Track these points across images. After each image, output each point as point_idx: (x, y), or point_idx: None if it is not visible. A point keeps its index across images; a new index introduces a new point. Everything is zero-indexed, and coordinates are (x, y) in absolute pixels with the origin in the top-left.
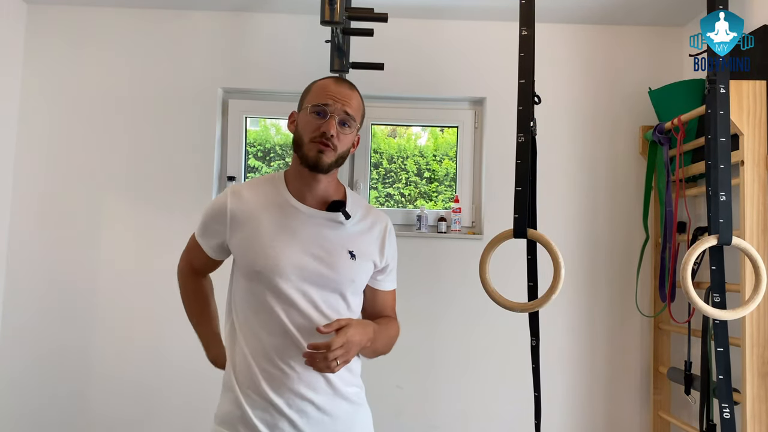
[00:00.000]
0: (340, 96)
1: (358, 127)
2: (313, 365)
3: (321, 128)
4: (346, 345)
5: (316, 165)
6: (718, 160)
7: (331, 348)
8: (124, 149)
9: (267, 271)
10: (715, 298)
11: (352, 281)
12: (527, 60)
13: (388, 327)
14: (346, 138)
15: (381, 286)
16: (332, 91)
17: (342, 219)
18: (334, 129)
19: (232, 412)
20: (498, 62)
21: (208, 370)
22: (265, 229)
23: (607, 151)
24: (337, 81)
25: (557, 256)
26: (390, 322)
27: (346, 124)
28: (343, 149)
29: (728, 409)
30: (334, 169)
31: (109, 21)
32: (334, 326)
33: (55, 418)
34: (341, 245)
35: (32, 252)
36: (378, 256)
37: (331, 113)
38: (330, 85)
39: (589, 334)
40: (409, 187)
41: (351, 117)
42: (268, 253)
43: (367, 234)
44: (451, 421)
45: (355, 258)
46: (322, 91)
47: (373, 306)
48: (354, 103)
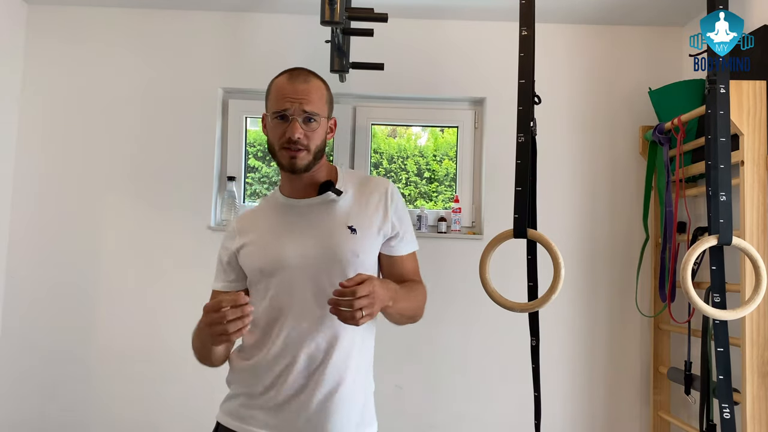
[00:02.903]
0: (297, 95)
1: (327, 115)
2: (338, 313)
3: (286, 134)
4: (371, 295)
5: (293, 170)
6: (718, 160)
7: (357, 295)
8: (124, 149)
9: (270, 266)
10: (715, 298)
11: (356, 256)
12: (527, 60)
13: (412, 288)
14: (315, 134)
15: (396, 251)
16: (288, 93)
17: (333, 197)
18: (298, 131)
19: (238, 410)
20: (498, 62)
21: (208, 368)
22: (265, 231)
23: (606, 151)
24: (292, 77)
25: (557, 256)
26: (414, 284)
27: (311, 119)
28: (317, 143)
29: (728, 409)
30: (316, 163)
31: (110, 21)
32: (356, 279)
33: (54, 419)
34: (339, 223)
35: (32, 252)
36: (384, 223)
37: (291, 116)
38: (285, 86)
39: (589, 334)
40: (409, 187)
41: (313, 113)
42: (269, 249)
43: (365, 206)
44: (451, 421)
45: (356, 232)
46: (278, 94)
47: (391, 273)
48: (314, 97)
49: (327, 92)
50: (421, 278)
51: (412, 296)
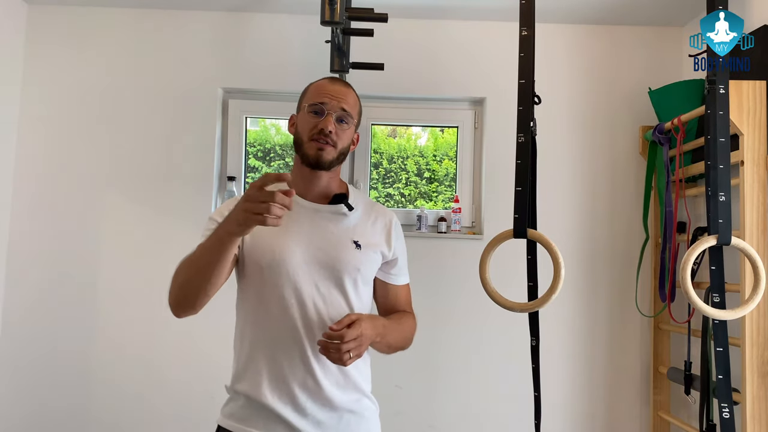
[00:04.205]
0: (336, 94)
1: (356, 124)
2: (327, 354)
3: (319, 126)
4: (359, 339)
5: (317, 162)
6: (717, 160)
7: (345, 339)
8: (124, 149)
9: (273, 266)
10: (715, 298)
11: (358, 270)
12: (527, 60)
13: (401, 321)
14: (344, 134)
15: (392, 281)
16: (328, 90)
17: (345, 211)
18: (332, 125)
19: (240, 410)
20: (498, 62)
21: (208, 366)
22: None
23: (607, 151)
24: (333, 80)
25: (557, 256)
26: (403, 316)
27: (344, 120)
28: (343, 145)
29: (728, 409)
30: (336, 165)
31: (110, 21)
32: (345, 322)
33: (54, 418)
34: (346, 236)
35: (32, 252)
36: (386, 247)
37: (328, 111)
38: (326, 85)
39: (589, 334)
40: (409, 187)
41: (348, 113)
42: (274, 249)
43: (371, 226)
44: (451, 421)
45: (361, 248)
46: (318, 91)
47: (386, 301)
48: (350, 100)
49: (359, 105)
50: (412, 309)
51: (400, 329)
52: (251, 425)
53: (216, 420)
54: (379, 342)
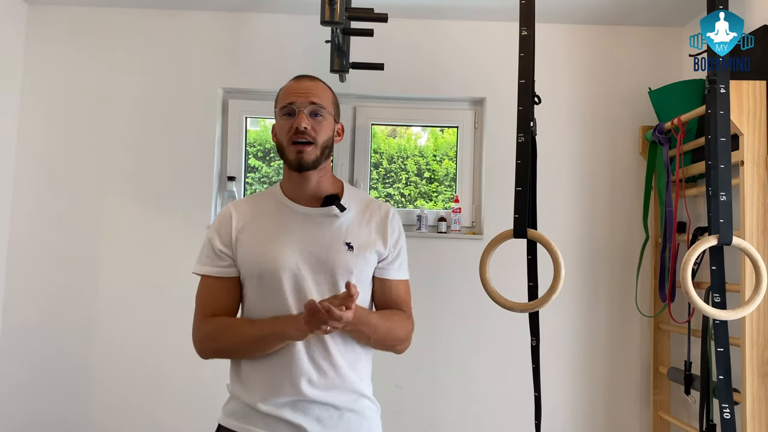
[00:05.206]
0: (304, 90)
1: (334, 114)
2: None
3: (293, 126)
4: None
5: (300, 164)
6: (718, 160)
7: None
8: (124, 149)
9: (268, 273)
10: (715, 298)
11: (351, 272)
12: (527, 60)
13: (390, 318)
14: (321, 126)
15: (388, 275)
16: (294, 89)
17: (336, 212)
18: (305, 121)
19: (241, 409)
20: (498, 62)
21: (208, 366)
22: (264, 233)
23: (606, 151)
24: (299, 78)
25: (557, 256)
26: (395, 314)
27: (318, 114)
28: (324, 138)
29: (728, 409)
30: (322, 162)
31: (110, 21)
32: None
33: (54, 418)
34: (338, 239)
35: (32, 253)
36: (381, 245)
37: (298, 108)
38: (292, 86)
39: (589, 334)
40: (409, 187)
41: (319, 105)
42: (268, 255)
43: (365, 227)
44: (451, 421)
45: (353, 249)
46: (286, 93)
47: (382, 297)
48: (319, 92)
49: (333, 95)
50: (410, 309)
51: (383, 322)
52: (252, 424)
53: (217, 419)
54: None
